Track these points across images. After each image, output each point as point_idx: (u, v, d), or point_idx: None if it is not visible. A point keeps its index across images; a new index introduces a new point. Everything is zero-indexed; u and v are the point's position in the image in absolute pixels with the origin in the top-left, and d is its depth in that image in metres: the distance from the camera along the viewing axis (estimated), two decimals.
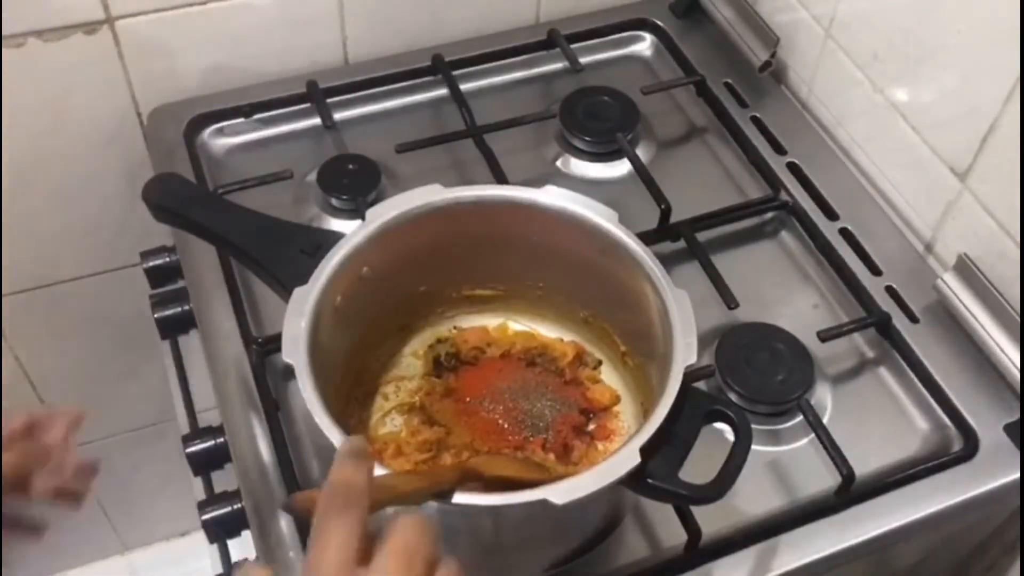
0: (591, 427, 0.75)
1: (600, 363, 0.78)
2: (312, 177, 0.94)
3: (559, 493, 0.57)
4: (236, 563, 0.76)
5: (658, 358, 0.66)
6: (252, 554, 0.74)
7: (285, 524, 0.72)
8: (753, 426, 0.64)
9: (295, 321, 0.64)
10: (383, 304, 0.73)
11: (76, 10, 0.92)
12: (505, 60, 1.07)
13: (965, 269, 0.83)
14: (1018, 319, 0.79)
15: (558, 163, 0.99)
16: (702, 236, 0.90)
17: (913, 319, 0.86)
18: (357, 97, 1.03)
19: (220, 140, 0.99)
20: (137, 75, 0.99)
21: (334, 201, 0.92)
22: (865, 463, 0.76)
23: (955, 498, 0.75)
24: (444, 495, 0.56)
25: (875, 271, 0.89)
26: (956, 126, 0.84)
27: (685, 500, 0.63)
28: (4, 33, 0.90)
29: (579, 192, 0.71)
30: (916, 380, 0.82)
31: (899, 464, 0.78)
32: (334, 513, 0.45)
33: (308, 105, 1.00)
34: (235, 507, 0.76)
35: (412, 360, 0.78)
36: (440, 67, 1.03)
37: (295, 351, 0.62)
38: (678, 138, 1.03)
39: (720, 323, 0.85)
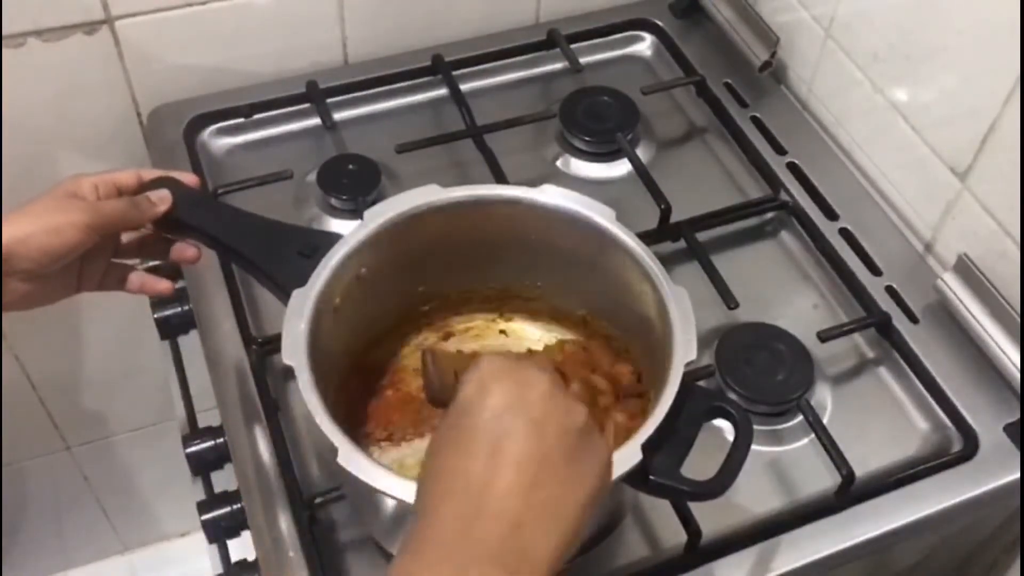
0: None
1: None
2: (312, 177, 0.94)
3: None
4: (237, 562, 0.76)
5: (658, 356, 0.66)
6: (252, 554, 0.74)
7: (285, 524, 0.72)
8: (753, 426, 0.64)
9: (294, 323, 0.64)
10: (382, 304, 0.73)
11: (76, 10, 0.92)
12: (505, 60, 1.07)
13: (965, 269, 0.83)
14: (1018, 319, 0.79)
15: (558, 163, 0.99)
16: (702, 236, 0.90)
17: (913, 319, 0.86)
18: (357, 97, 1.03)
19: (220, 140, 0.99)
20: (137, 75, 0.99)
21: (334, 201, 0.92)
22: (865, 463, 0.76)
23: (955, 498, 0.75)
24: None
25: (875, 271, 0.89)
26: (956, 126, 0.84)
27: (688, 496, 0.63)
28: (4, 33, 0.90)
29: (579, 192, 0.71)
30: (916, 380, 0.82)
31: (899, 464, 0.78)
32: None
33: (308, 105, 1.00)
34: (235, 507, 0.76)
35: (411, 359, 0.78)
36: (440, 67, 1.03)
37: (295, 352, 0.62)
38: (678, 138, 1.03)
39: (720, 323, 0.85)
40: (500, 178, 0.92)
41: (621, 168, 0.97)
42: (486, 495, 0.47)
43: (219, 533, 0.77)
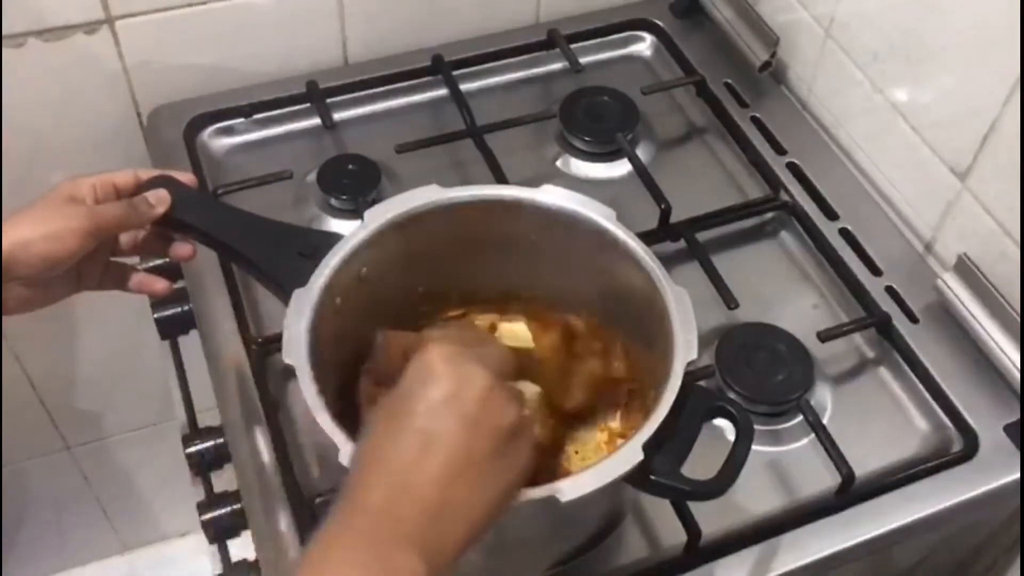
0: None
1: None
2: (312, 177, 0.94)
3: (564, 490, 0.57)
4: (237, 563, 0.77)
5: (659, 356, 0.66)
6: (252, 554, 0.74)
7: (285, 524, 0.72)
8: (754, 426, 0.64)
9: (295, 322, 0.64)
10: (382, 304, 0.73)
11: (76, 10, 0.92)
12: (505, 60, 1.07)
13: (965, 269, 0.83)
14: (1018, 319, 0.79)
15: (558, 163, 0.99)
16: (702, 236, 0.90)
17: (913, 319, 0.86)
18: (357, 97, 1.03)
19: (220, 140, 0.99)
20: (137, 75, 0.99)
21: (334, 201, 0.92)
22: (865, 463, 0.76)
23: (955, 498, 0.75)
24: None
25: (875, 271, 0.89)
26: (956, 126, 0.84)
27: (689, 496, 0.63)
28: (4, 33, 0.90)
29: (579, 192, 0.71)
30: (916, 380, 0.82)
31: (899, 464, 0.78)
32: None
33: (308, 105, 1.00)
34: (235, 507, 0.76)
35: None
36: (440, 67, 1.03)
37: (295, 352, 0.62)
38: (678, 138, 1.03)
39: (720, 323, 0.85)
40: (500, 178, 0.92)
41: (621, 168, 0.97)
42: (411, 483, 0.50)
43: (219, 533, 0.77)
